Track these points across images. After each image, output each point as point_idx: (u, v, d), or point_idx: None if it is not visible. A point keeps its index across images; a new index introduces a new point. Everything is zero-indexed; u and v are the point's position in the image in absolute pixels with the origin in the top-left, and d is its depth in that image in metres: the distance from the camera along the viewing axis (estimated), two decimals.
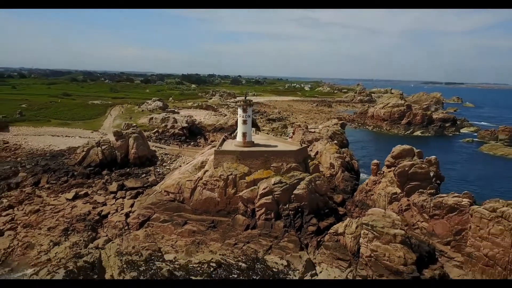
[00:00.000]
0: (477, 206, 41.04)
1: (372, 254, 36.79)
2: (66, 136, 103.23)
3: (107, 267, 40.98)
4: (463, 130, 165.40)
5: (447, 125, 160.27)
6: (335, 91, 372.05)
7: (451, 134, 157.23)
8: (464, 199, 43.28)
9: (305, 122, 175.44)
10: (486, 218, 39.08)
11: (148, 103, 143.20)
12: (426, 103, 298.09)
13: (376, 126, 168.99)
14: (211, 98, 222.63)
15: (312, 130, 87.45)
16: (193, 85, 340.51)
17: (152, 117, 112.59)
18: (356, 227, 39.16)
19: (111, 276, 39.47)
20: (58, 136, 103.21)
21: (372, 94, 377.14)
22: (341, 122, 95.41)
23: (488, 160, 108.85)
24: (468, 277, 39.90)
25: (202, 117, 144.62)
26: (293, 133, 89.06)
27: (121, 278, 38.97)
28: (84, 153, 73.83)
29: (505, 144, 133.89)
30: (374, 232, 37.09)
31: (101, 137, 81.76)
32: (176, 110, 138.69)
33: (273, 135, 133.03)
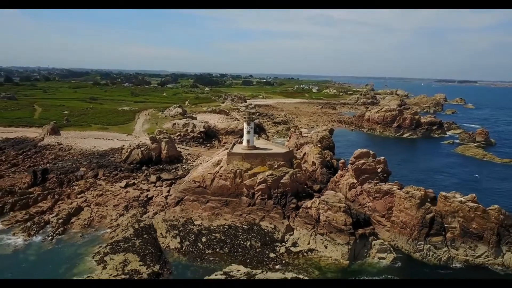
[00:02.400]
0: (399, 190, 62.10)
1: (326, 219, 58.21)
2: (107, 138, 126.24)
3: (157, 228, 63.27)
4: (449, 133, 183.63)
5: (434, 128, 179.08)
6: (341, 93, 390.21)
7: (437, 136, 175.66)
8: (394, 186, 64.30)
9: (308, 125, 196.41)
10: (403, 197, 60.13)
11: (170, 109, 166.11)
12: (425, 105, 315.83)
13: (371, 128, 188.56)
14: (223, 102, 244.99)
15: (305, 135, 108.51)
16: (206, 88, 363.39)
17: (175, 123, 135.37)
18: (318, 203, 60.57)
19: (161, 235, 61.49)
20: (100, 139, 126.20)
21: (377, 96, 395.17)
22: (329, 128, 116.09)
23: (456, 159, 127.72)
24: (392, 236, 61.02)
25: (215, 120, 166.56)
26: (290, 137, 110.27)
27: (167, 238, 60.82)
28: (127, 153, 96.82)
29: (481, 145, 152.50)
30: (328, 205, 58.52)
31: (140, 141, 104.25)
32: (193, 116, 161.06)
33: (277, 137, 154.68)
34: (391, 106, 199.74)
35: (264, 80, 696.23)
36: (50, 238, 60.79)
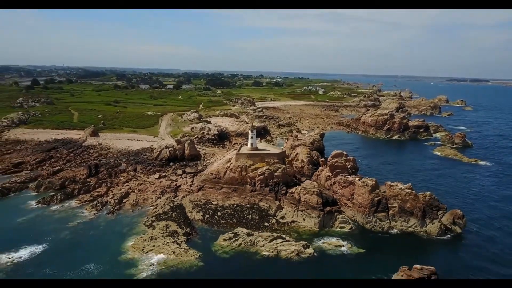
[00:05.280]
0: (359, 181, 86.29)
1: (304, 200, 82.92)
2: (137, 140, 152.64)
3: (186, 206, 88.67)
4: (435, 135, 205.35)
5: (420, 130, 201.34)
6: (345, 96, 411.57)
7: (423, 138, 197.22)
8: (356, 178, 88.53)
9: (309, 127, 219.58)
10: (360, 185, 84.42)
11: (188, 114, 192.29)
12: (423, 107, 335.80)
13: (365, 131, 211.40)
14: (234, 106, 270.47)
15: (300, 138, 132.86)
16: (218, 91, 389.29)
17: (193, 126, 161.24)
18: (300, 189, 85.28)
19: (189, 211, 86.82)
20: (131, 140, 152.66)
21: (381, 97, 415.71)
22: (321, 133, 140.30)
23: (430, 158, 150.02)
24: (352, 213, 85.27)
25: (227, 123, 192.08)
26: (287, 140, 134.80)
27: (193, 212, 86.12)
28: (158, 152, 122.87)
29: (459, 147, 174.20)
30: (306, 190, 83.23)
31: (167, 143, 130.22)
32: (208, 120, 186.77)
33: (281, 138, 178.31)
34: (383, 111, 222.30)
35: (274, 81, 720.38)
36: (111, 212, 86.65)
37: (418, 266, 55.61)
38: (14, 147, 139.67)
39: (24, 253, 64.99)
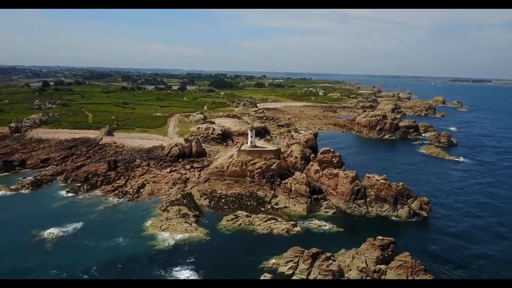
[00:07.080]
0: (342, 173, 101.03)
1: (295, 189, 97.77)
2: (148, 139, 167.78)
3: (194, 195, 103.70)
4: (425, 135, 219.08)
5: (410, 130, 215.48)
6: (343, 97, 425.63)
7: (412, 138, 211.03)
8: (340, 171, 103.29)
9: (307, 127, 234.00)
10: (343, 177, 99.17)
11: (193, 115, 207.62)
12: (418, 108, 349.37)
13: (359, 131, 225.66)
14: (236, 107, 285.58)
15: (296, 137, 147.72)
16: (222, 93, 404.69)
17: (199, 127, 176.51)
18: (291, 180, 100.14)
19: (197, 199, 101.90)
20: (143, 139, 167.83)
21: (380, 98, 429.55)
22: (314, 132, 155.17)
23: (415, 155, 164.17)
24: (336, 200, 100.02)
25: (230, 124, 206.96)
26: (284, 138, 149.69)
27: (201, 200, 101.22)
28: (168, 149, 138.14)
29: (444, 145, 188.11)
30: (296, 181, 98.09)
31: (177, 141, 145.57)
32: (212, 120, 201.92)
33: (280, 138, 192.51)
34: (378, 112, 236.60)
35: (276, 82, 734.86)
36: (131, 199, 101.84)
37: (380, 237, 70.22)
38: (38, 145, 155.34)
39: (69, 228, 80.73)
